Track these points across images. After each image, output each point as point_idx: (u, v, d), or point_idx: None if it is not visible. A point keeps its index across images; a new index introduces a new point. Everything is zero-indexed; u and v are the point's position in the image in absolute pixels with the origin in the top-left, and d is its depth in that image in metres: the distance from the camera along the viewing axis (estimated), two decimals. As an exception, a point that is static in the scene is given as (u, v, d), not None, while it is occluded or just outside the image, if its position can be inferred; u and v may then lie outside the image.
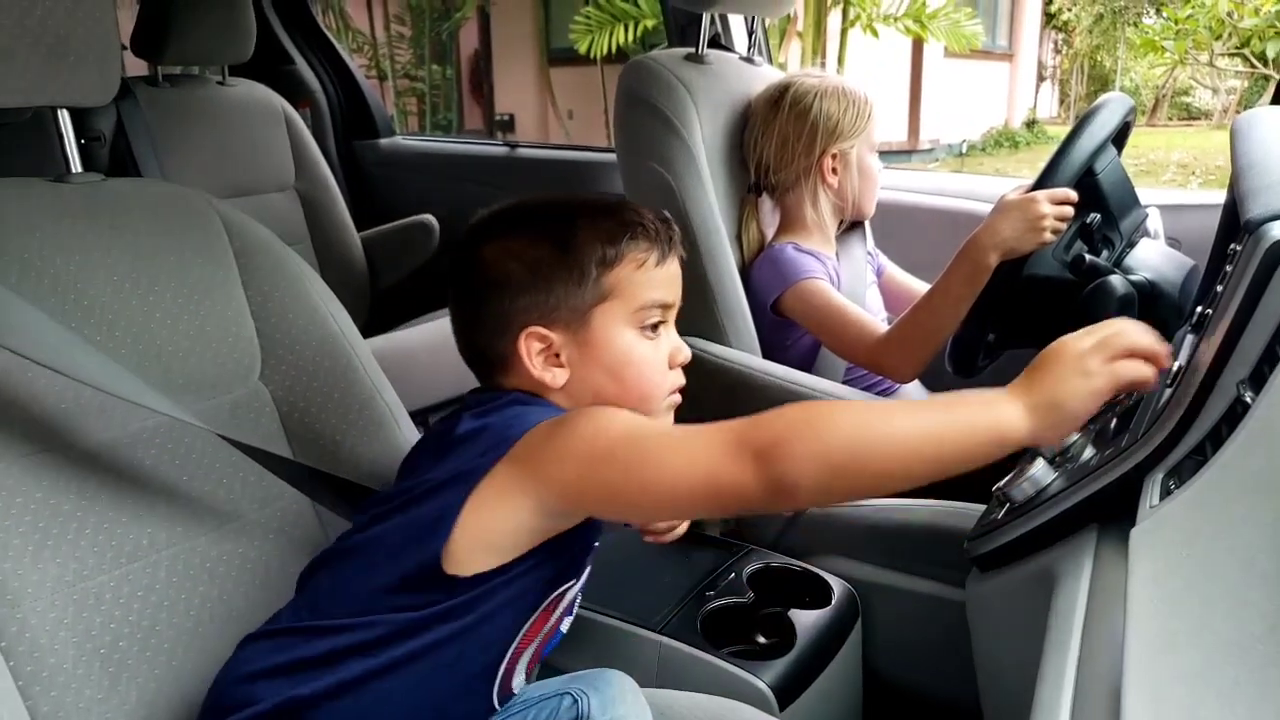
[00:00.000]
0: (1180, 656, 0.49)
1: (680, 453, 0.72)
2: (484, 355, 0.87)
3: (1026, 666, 0.67)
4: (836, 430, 0.69)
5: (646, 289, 0.85)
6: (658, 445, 0.73)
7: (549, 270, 0.82)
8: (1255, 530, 0.51)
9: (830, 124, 1.56)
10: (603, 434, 0.75)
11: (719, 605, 1.21)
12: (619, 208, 0.87)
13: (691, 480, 0.71)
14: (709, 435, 0.71)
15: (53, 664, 0.78)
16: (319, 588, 0.84)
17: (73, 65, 0.87)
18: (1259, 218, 0.71)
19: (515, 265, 0.83)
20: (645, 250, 0.85)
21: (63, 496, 0.82)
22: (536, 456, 0.76)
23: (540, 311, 0.83)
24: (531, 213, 0.88)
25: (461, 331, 0.89)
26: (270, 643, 0.82)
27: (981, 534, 0.92)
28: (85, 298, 0.89)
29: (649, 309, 0.85)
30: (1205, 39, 7.60)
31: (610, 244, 0.83)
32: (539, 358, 0.83)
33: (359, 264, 2.48)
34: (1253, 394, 0.62)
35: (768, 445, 0.68)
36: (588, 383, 0.84)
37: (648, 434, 0.75)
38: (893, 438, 0.69)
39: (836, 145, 1.56)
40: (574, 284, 0.82)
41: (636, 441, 0.74)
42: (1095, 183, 1.19)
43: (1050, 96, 13.57)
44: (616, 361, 0.84)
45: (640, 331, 0.85)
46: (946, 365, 1.26)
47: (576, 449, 0.74)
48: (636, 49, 6.51)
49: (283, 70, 2.82)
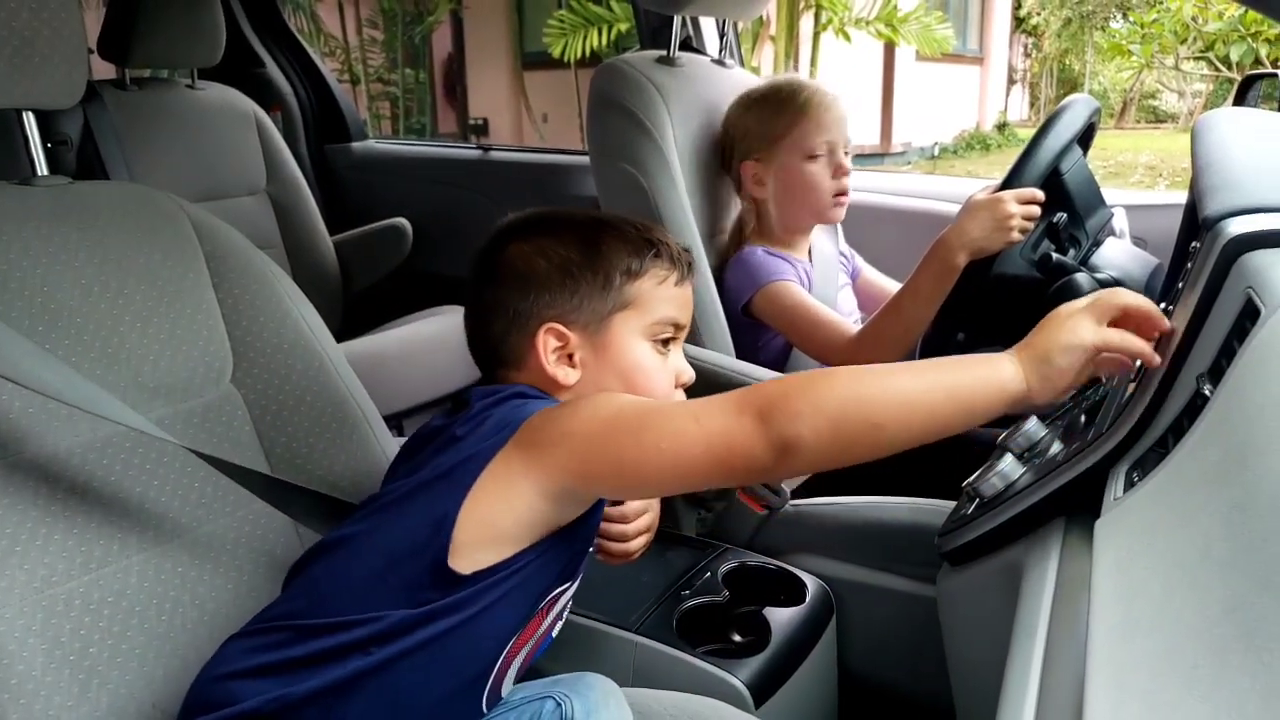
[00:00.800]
0: (1142, 642, 0.50)
1: (685, 420, 0.73)
2: (496, 348, 0.89)
3: (996, 660, 0.68)
4: (835, 385, 0.71)
5: (664, 305, 0.88)
6: (661, 414, 0.75)
7: (577, 272, 0.86)
8: (1212, 518, 0.52)
9: (743, 136, 1.56)
10: (605, 407, 0.76)
11: (694, 605, 1.21)
12: (646, 227, 0.91)
13: (696, 446, 0.71)
14: (712, 402, 0.73)
15: (21, 671, 0.77)
16: (315, 582, 0.82)
17: (38, 66, 0.86)
18: (1215, 214, 0.73)
19: (543, 263, 0.86)
20: (667, 269, 0.89)
21: (30, 502, 0.81)
22: (542, 439, 0.76)
23: (562, 310, 0.86)
24: (563, 219, 0.91)
25: (478, 323, 0.91)
26: (258, 640, 0.81)
27: (951, 529, 0.93)
28: (53, 301, 0.88)
29: (664, 324, 0.89)
30: (1171, 43, 7.71)
31: (636, 256, 0.87)
32: (554, 354, 0.86)
33: (331, 268, 2.47)
34: (1211, 387, 0.63)
35: (769, 405, 0.70)
36: (597, 385, 0.86)
37: (650, 406, 0.77)
38: (891, 390, 0.72)
39: (752, 157, 1.56)
40: (599, 288, 0.86)
41: (641, 413, 0.75)
42: (1061, 183, 1.21)
43: (1021, 99, 13.72)
44: (628, 368, 0.87)
45: (653, 344, 0.88)
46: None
47: (582, 425, 0.76)
48: (610, 52, 6.51)
49: (253, 73, 2.80)
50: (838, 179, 1.53)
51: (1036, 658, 0.61)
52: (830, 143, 1.53)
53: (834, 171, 1.53)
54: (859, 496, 1.38)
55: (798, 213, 1.57)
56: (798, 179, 1.54)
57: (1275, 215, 0.71)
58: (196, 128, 2.28)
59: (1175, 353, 0.72)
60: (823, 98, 1.55)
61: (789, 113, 1.53)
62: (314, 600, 0.81)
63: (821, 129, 1.53)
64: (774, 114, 1.54)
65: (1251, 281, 0.64)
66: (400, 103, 9.51)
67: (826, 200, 1.54)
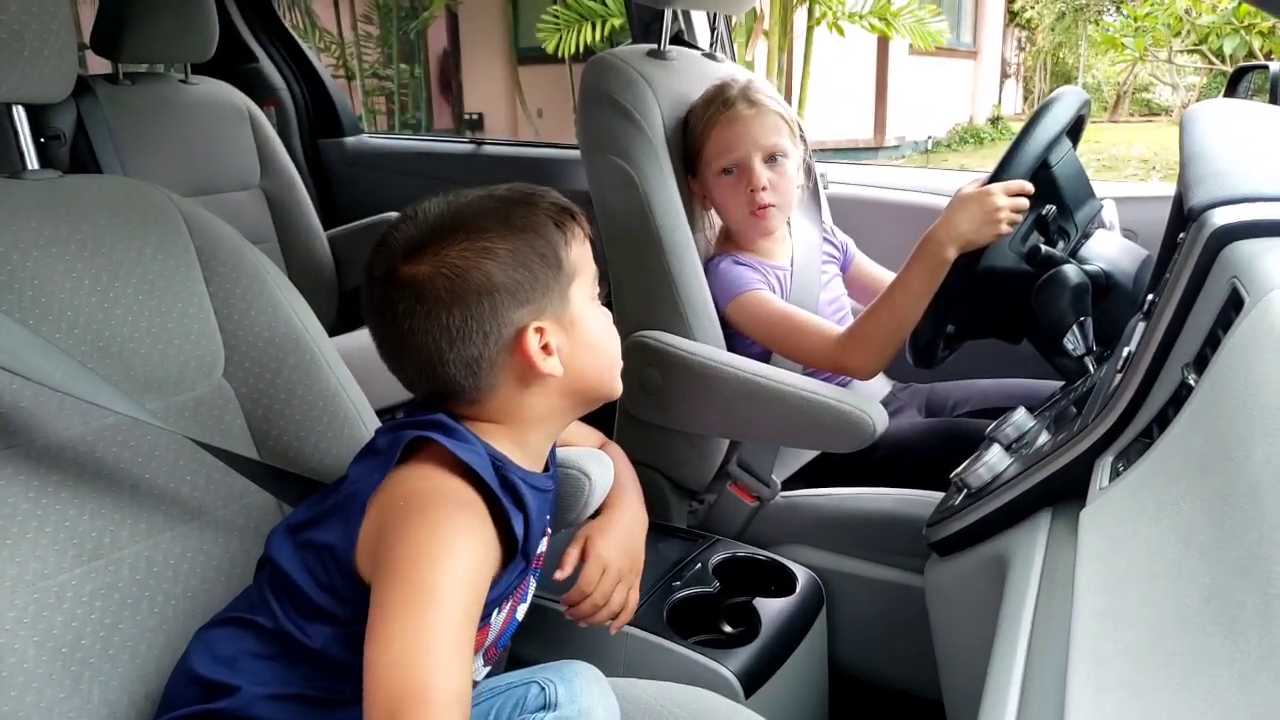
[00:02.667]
0: (1123, 631, 0.50)
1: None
2: (458, 377, 0.80)
3: (981, 647, 0.68)
4: None
5: (591, 263, 0.87)
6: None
7: (529, 261, 0.80)
8: (1194, 507, 0.52)
9: (690, 144, 1.51)
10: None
11: (685, 595, 1.22)
12: (544, 192, 0.85)
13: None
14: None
15: (12, 663, 0.77)
16: (274, 578, 0.83)
17: (27, 60, 0.86)
18: (1201, 205, 0.73)
19: (495, 265, 0.78)
20: (581, 226, 0.86)
21: (21, 494, 0.81)
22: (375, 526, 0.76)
23: (534, 305, 0.80)
24: (477, 213, 0.82)
25: (421, 360, 0.80)
26: (228, 630, 0.82)
27: (940, 520, 0.94)
28: (43, 294, 0.88)
29: (597, 278, 0.87)
30: (1164, 36, 7.71)
31: (562, 225, 0.83)
32: (540, 353, 0.81)
33: (325, 263, 2.47)
34: (1196, 376, 0.63)
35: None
36: (576, 364, 0.84)
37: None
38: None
39: (690, 171, 1.52)
40: (553, 269, 0.81)
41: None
42: (1051, 175, 1.21)
43: (1014, 93, 13.71)
44: (596, 335, 0.86)
45: (596, 302, 0.87)
46: (907, 357, 1.28)
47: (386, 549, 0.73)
48: (604, 47, 6.50)
49: (247, 69, 2.79)
50: (752, 193, 1.44)
51: (1021, 646, 0.62)
52: (738, 159, 1.45)
53: (745, 190, 1.45)
54: (848, 488, 1.39)
55: (732, 228, 1.53)
56: (716, 199, 1.51)
57: (1260, 205, 0.71)
58: (190, 123, 2.27)
59: (1161, 342, 0.72)
60: (731, 109, 1.46)
61: (699, 127, 1.49)
62: (274, 595, 0.81)
63: (725, 146, 1.46)
64: (691, 128, 1.51)
65: (1236, 271, 0.64)
66: (395, 98, 9.50)
67: (742, 216, 1.48)
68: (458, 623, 0.68)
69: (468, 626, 0.69)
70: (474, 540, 0.74)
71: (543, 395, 0.84)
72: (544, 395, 0.84)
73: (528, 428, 0.85)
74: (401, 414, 0.89)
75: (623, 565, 0.99)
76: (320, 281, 2.43)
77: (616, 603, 0.97)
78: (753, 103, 1.46)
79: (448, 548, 0.71)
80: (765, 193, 1.44)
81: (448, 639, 0.66)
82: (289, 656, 0.79)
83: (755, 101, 1.46)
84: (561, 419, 0.89)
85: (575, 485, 0.98)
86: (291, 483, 0.96)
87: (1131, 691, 0.46)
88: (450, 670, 0.65)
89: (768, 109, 1.46)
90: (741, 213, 1.47)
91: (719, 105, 1.47)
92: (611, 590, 0.97)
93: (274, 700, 0.78)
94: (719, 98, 1.48)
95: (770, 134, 1.45)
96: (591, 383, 0.87)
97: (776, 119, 1.47)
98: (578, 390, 0.86)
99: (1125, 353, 0.83)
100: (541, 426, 0.87)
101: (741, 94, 1.47)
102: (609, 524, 1.01)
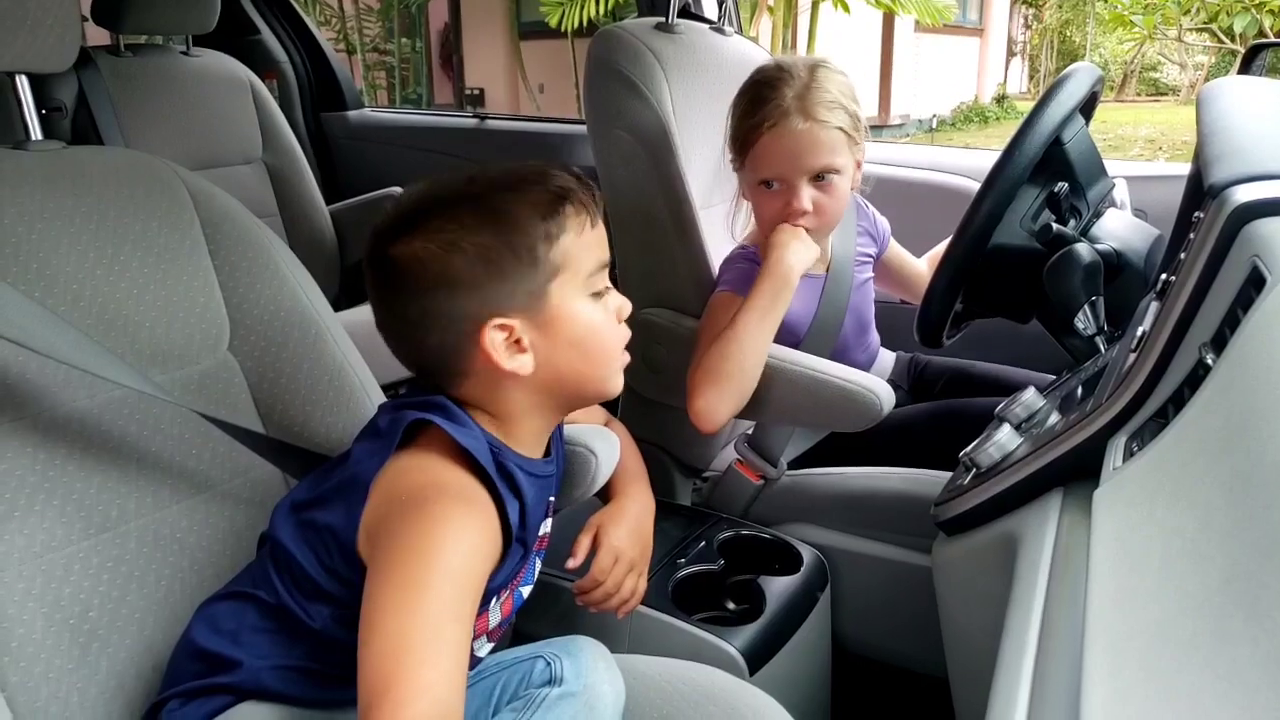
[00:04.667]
0: (1140, 612, 0.50)
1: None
2: (440, 361, 0.81)
3: (990, 629, 0.68)
4: None
5: (590, 253, 0.82)
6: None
7: (498, 256, 0.77)
8: (1213, 488, 0.52)
9: (734, 133, 1.34)
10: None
11: (690, 573, 1.22)
12: (544, 175, 0.81)
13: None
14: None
15: (21, 634, 0.77)
16: (277, 555, 0.83)
17: (30, 30, 0.85)
18: (1222, 182, 0.72)
19: (459, 259, 0.77)
20: (581, 215, 0.81)
21: (29, 467, 0.81)
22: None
23: (497, 302, 0.78)
24: (455, 199, 0.80)
25: (408, 341, 0.82)
26: (231, 604, 0.83)
27: (948, 499, 0.93)
28: (48, 267, 0.88)
29: (597, 273, 0.83)
30: (1174, 14, 7.65)
31: (551, 217, 0.79)
32: (505, 350, 0.79)
33: (328, 237, 2.46)
34: (1214, 356, 0.63)
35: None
36: (554, 363, 0.81)
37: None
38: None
39: (730, 156, 1.36)
40: (526, 266, 0.78)
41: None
42: (1063, 152, 1.20)
43: (1020, 72, 13.64)
44: (580, 334, 0.82)
45: (593, 297, 0.83)
46: (914, 336, 1.27)
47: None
48: (607, 22, 6.46)
49: (248, 41, 2.77)
50: (787, 217, 1.29)
51: (1033, 626, 0.61)
52: (781, 175, 1.28)
53: (783, 208, 1.29)
54: (855, 467, 1.38)
55: (764, 236, 1.35)
56: (752, 200, 1.36)
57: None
58: (192, 95, 2.26)
59: (1178, 321, 0.72)
60: (784, 123, 1.25)
61: (744, 126, 1.30)
62: (276, 572, 0.81)
63: (770, 159, 1.28)
64: (739, 119, 1.32)
65: (1258, 249, 0.64)
66: (396, 72, 9.44)
67: (771, 230, 1.32)
68: (446, 618, 0.68)
69: (457, 622, 0.69)
70: (470, 532, 0.73)
71: (519, 391, 0.82)
72: (520, 391, 0.82)
73: (512, 420, 0.84)
74: (404, 390, 0.89)
75: (634, 554, 1.00)
76: (322, 256, 2.43)
77: (627, 590, 0.99)
78: (809, 116, 1.25)
79: (439, 544, 0.70)
80: (806, 217, 1.29)
81: (433, 634, 0.66)
82: (290, 631, 0.79)
83: (812, 115, 1.25)
84: (546, 414, 0.86)
85: (581, 462, 0.98)
86: (297, 456, 0.96)
87: (1150, 671, 0.45)
88: (432, 665, 0.65)
89: (828, 125, 1.25)
90: (769, 227, 1.32)
91: (771, 113, 1.26)
92: (623, 579, 0.98)
93: (277, 671, 0.79)
94: (772, 103, 1.26)
95: (824, 154, 1.26)
96: (575, 383, 0.84)
97: (835, 134, 1.26)
98: (558, 389, 0.84)
99: (1139, 332, 0.82)
100: (526, 420, 0.84)
101: (798, 104, 1.25)
102: (620, 513, 1.01)
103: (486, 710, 0.85)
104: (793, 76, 1.28)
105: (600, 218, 0.84)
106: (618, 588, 0.98)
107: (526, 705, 0.81)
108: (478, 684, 0.87)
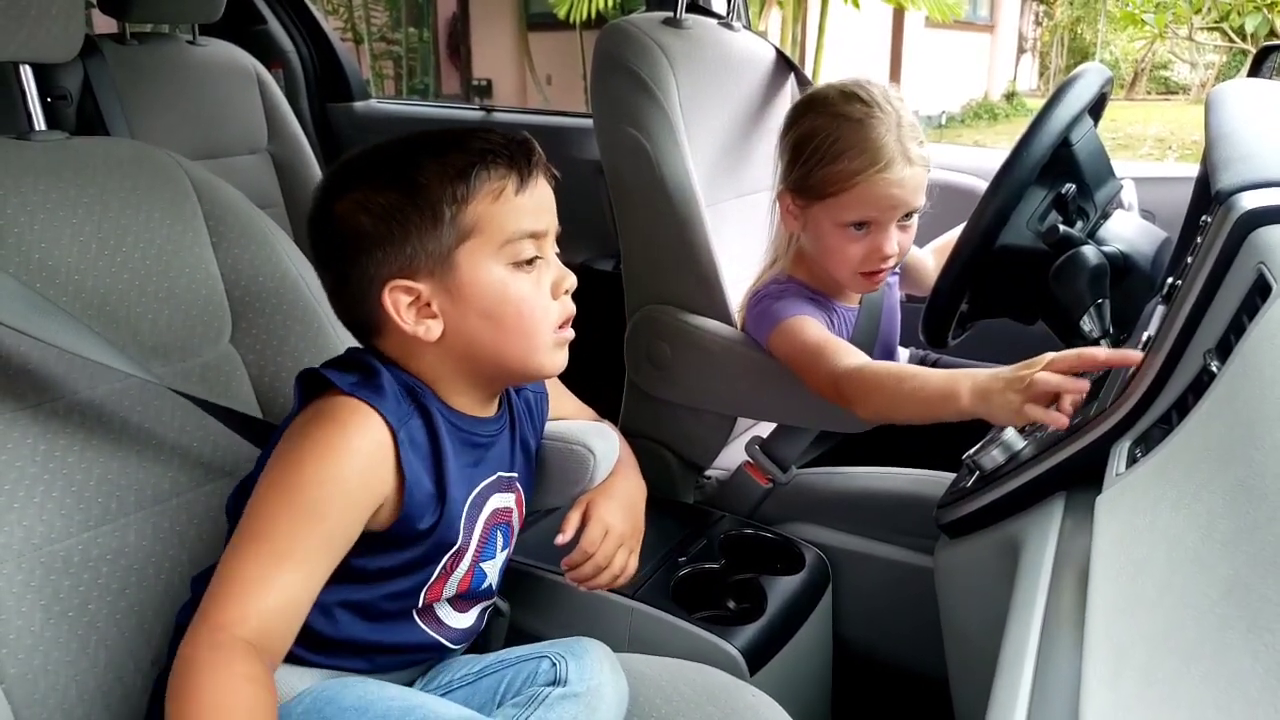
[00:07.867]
0: (1141, 619, 0.50)
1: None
2: (356, 318, 0.84)
3: (991, 632, 0.68)
4: None
5: (511, 220, 0.79)
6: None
7: (401, 217, 0.77)
8: (1216, 495, 0.51)
9: (787, 159, 1.27)
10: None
11: (691, 571, 1.22)
12: (466, 137, 0.80)
13: None
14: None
15: (20, 626, 0.77)
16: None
17: (34, 19, 0.85)
18: (1229, 188, 0.72)
19: (366, 218, 0.78)
20: (501, 179, 0.79)
21: (29, 458, 0.81)
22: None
23: (400, 263, 0.78)
24: (376, 159, 0.81)
25: (332, 297, 0.86)
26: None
27: (951, 501, 0.93)
28: (50, 258, 0.87)
29: (517, 241, 0.80)
30: (1185, 13, 7.60)
31: (460, 179, 0.77)
32: (409, 312, 0.79)
33: (333, 229, 2.46)
34: (1219, 363, 0.62)
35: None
36: (464, 331, 0.80)
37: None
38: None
39: (789, 188, 1.28)
40: (429, 227, 0.77)
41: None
42: (1071, 153, 1.19)
43: (1030, 69, 13.58)
44: (491, 302, 0.80)
45: (513, 267, 0.80)
46: (920, 335, 1.26)
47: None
48: (616, 14, 6.44)
49: (255, 30, 2.77)
50: (872, 260, 1.25)
51: (1034, 629, 0.61)
52: (875, 219, 1.23)
53: (869, 251, 1.24)
54: (859, 467, 1.38)
55: (825, 273, 1.31)
56: (825, 241, 1.27)
57: (1289, 190, 0.70)
58: (197, 85, 2.26)
59: (1183, 327, 0.71)
60: (891, 170, 1.19)
61: (845, 169, 1.21)
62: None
63: (870, 204, 1.21)
64: (826, 160, 1.22)
65: (1264, 257, 0.63)
66: (403, 63, 9.43)
67: (849, 272, 1.27)
68: (276, 554, 0.72)
69: (291, 557, 0.73)
70: (337, 454, 0.75)
71: (431, 356, 0.82)
72: (432, 356, 0.82)
73: (437, 384, 0.83)
74: None
75: (624, 529, 0.98)
76: (327, 247, 2.42)
77: (618, 565, 0.97)
78: (910, 159, 1.21)
79: (295, 466, 0.75)
80: (890, 260, 1.26)
81: (264, 571, 0.72)
82: None
83: (913, 158, 1.21)
84: (472, 383, 0.85)
85: (579, 460, 0.97)
86: None
87: (1150, 680, 0.45)
88: (257, 597, 0.71)
89: (925, 165, 1.23)
90: (851, 268, 1.27)
91: (877, 157, 1.19)
92: (613, 553, 0.96)
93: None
94: (874, 145, 1.19)
95: (919, 195, 1.24)
96: (492, 355, 0.82)
97: (926, 171, 1.24)
98: (475, 360, 0.82)
99: (1144, 337, 0.82)
100: (449, 384, 0.84)
101: (900, 147, 1.20)
102: (610, 488, 1.00)
103: (491, 705, 0.85)
104: (882, 111, 1.22)
105: (541, 184, 0.82)
106: (608, 561, 0.95)
107: (529, 702, 0.80)
108: (483, 680, 0.87)
